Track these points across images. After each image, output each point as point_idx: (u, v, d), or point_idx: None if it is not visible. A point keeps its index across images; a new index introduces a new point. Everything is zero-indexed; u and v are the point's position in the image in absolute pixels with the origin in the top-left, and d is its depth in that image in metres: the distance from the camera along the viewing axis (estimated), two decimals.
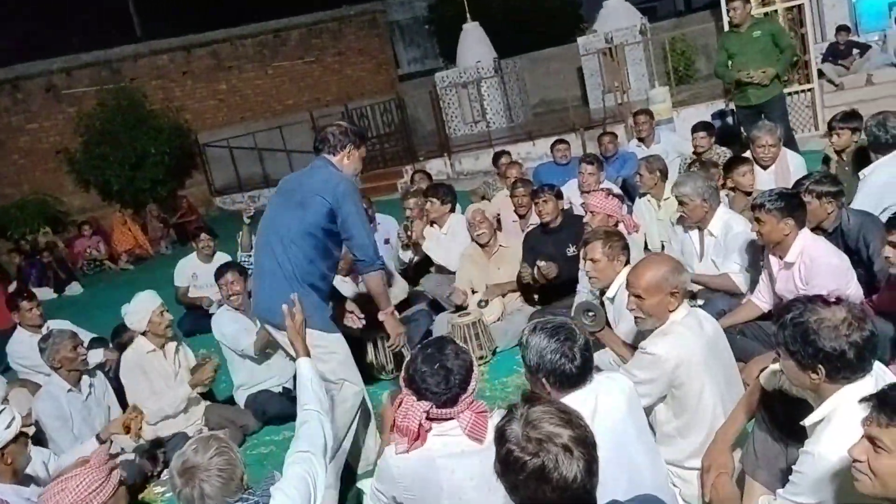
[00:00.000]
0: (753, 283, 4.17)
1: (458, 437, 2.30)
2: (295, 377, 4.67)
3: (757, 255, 4.21)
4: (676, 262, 2.93)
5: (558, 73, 17.66)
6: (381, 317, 3.62)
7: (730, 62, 7.20)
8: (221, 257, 7.24)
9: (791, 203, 3.47)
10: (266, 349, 4.61)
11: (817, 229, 3.81)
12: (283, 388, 4.80)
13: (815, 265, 3.40)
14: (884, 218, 3.74)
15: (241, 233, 6.82)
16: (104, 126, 13.53)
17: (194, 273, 7.10)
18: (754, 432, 2.59)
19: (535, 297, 5.17)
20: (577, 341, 2.44)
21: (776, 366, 2.60)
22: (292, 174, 3.75)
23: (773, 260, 3.66)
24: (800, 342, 1.95)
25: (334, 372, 3.35)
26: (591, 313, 3.33)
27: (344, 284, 5.16)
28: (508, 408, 1.74)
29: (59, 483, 2.24)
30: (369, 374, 4.91)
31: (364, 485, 2.63)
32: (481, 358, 4.76)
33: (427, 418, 2.31)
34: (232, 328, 4.60)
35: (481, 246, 5.25)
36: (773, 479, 2.50)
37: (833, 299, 2.04)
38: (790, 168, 5.42)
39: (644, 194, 5.61)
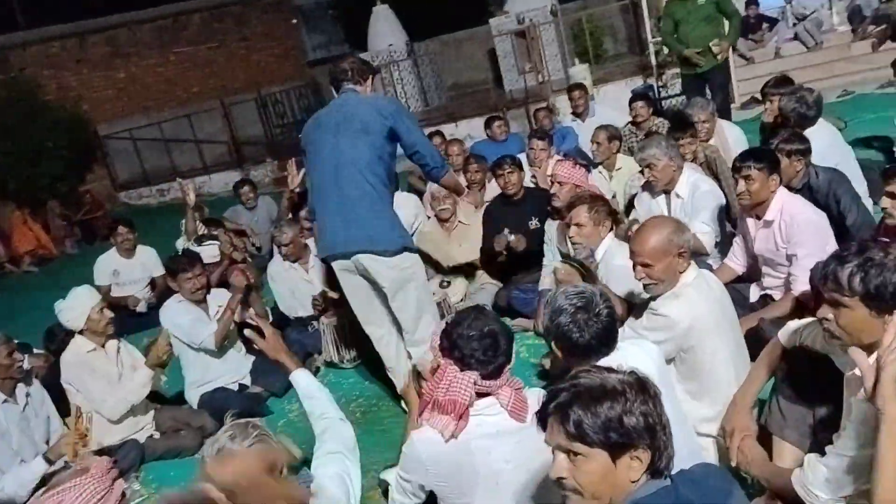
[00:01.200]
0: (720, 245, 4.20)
1: (494, 417, 2.13)
2: (252, 373, 4.51)
3: (722, 216, 4.23)
4: (677, 221, 2.85)
5: (470, 56, 17.66)
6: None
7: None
8: (144, 251, 6.77)
9: (773, 160, 3.47)
10: (225, 340, 4.30)
11: (786, 187, 3.83)
12: (240, 384, 4.50)
13: (796, 222, 3.41)
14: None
15: (184, 220, 6.36)
16: None
17: (115, 270, 6.58)
18: (778, 392, 2.54)
19: (496, 272, 5.03)
20: (594, 310, 2.31)
21: (797, 323, 2.57)
22: (330, 108, 3.55)
23: (749, 221, 3.65)
24: (883, 282, 1.87)
25: (418, 289, 3.50)
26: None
27: (292, 271, 4.90)
28: None
29: (54, 495, 1.94)
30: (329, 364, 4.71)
31: (388, 475, 2.41)
32: None
33: None
34: (187, 319, 4.25)
35: (441, 222, 5.08)
36: (802, 437, 2.47)
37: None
38: (728, 140, 5.49)
39: (596, 165, 5.57)
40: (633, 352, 2.37)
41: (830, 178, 3.81)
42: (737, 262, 3.85)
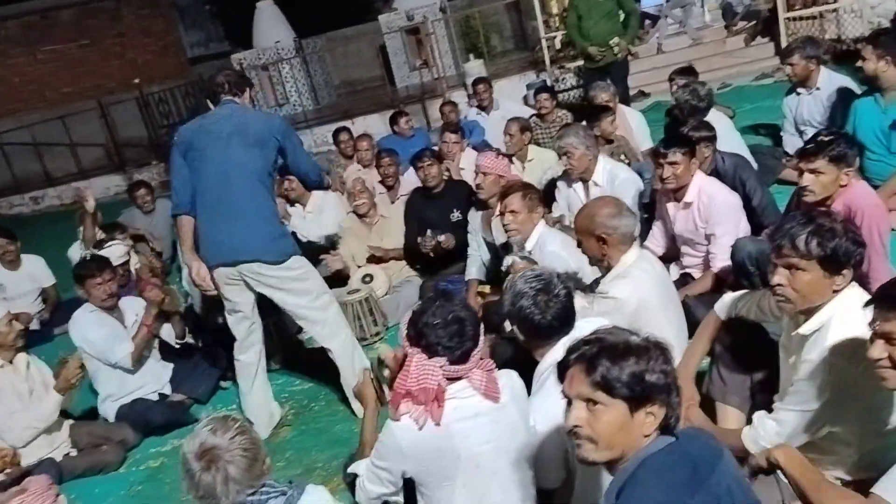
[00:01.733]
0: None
1: (469, 399, 2.14)
2: (172, 381, 4.31)
3: (639, 202, 4.42)
4: (619, 205, 2.96)
5: (359, 53, 17.52)
6: None
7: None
8: (30, 261, 6.33)
9: (692, 145, 3.67)
10: (142, 356, 4.10)
11: None
12: (160, 394, 4.29)
13: (714, 203, 3.62)
14: None
15: (82, 227, 5.96)
16: None
17: (1, 284, 6.11)
18: (718, 361, 2.70)
19: (418, 266, 5.05)
20: (553, 292, 2.39)
21: (731, 296, 2.74)
22: (216, 118, 3.50)
23: (669, 205, 3.84)
24: (837, 245, 2.02)
25: (316, 287, 3.59)
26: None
27: None
28: None
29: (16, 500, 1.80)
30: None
31: (358, 468, 2.37)
32: (377, 334, 4.58)
33: None
34: (100, 334, 3.99)
35: (360, 217, 5.03)
36: (743, 401, 2.64)
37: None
38: (630, 123, 5.77)
39: (508, 156, 5.67)
40: (593, 325, 2.45)
41: (736, 162, 4.07)
42: (657, 244, 4.03)
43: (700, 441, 1.60)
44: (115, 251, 5.06)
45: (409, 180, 5.61)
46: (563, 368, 1.65)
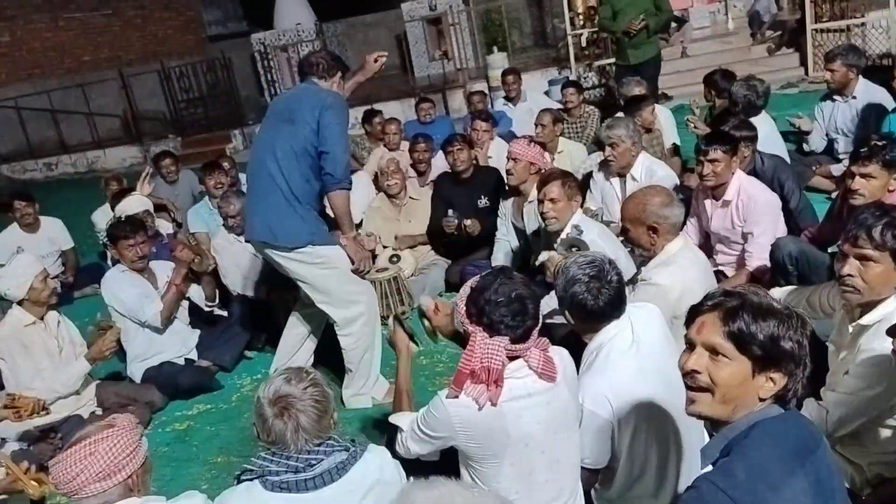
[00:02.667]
0: None
1: (524, 379, 2.13)
2: (199, 346, 4.34)
3: None
4: (669, 195, 2.97)
5: (378, 40, 17.49)
6: (342, 241, 3.45)
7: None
8: (49, 223, 6.36)
9: (734, 144, 3.69)
10: (172, 316, 4.12)
11: None
12: (186, 359, 4.31)
13: (753, 202, 3.64)
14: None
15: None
16: None
17: (19, 247, 6.09)
18: None
19: (443, 249, 5.06)
20: (606, 277, 2.41)
21: (779, 290, 2.77)
22: (283, 94, 3.58)
23: (707, 202, 3.86)
24: None
25: (339, 281, 3.43)
26: (574, 249, 3.31)
27: (238, 244, 4.73)
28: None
29: (84, 446, 1.83)
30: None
31: (400, 420, 2.38)
32: (403, 314, 4.59)
33: None
34: (131, 294, 4.02)
35: (390, 197, 5.05)
36: None
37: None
38: (661, 121, 5.80)
39: None
40: (640, 314, 2.47)
41: (775, 164, 4.09)
42: (691, 240, 4.05)
43: (805, 421, 1.60)
44: (134, 201, 5.08)
45: (437, 164, 5.64)
46: (694, 313, 1.63)
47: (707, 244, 4.01)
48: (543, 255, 3.80)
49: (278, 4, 15.33)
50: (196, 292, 4.36)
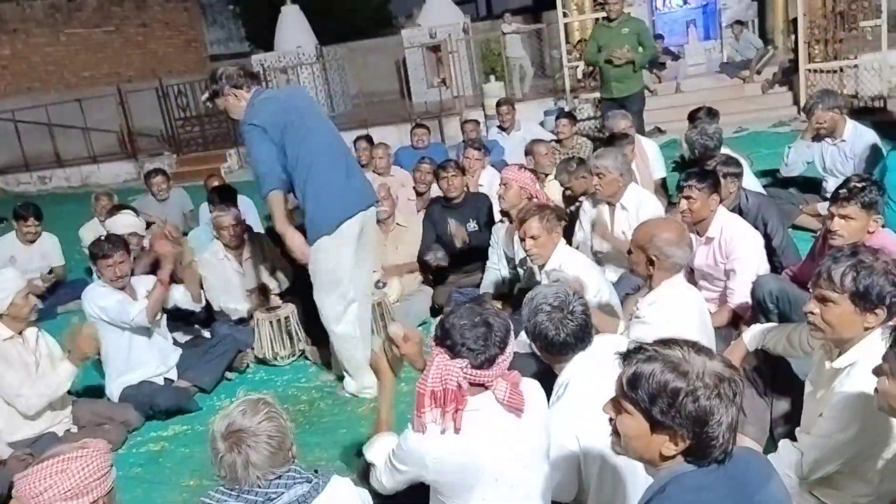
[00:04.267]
0: None
1: (492, 413, 2.11)
2: (179, 366, 4.31)
3: None
4: (681, 234, 2.95)
5: (377, 65, 17.64)
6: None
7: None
8: (46, 239, 6.37)
9: (714, 181, 3.71)
10: (157, 316, 4.10)
11: None
12: (165, 378, 4.28)
13: (735, 240, 3.65)
14: None
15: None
16: None
17: (12, 256, 6.14)
18: None
19: (431, 276, 5.06)
20: (568, 309, 2.41)
21: (760, 327, 2.77)
22: (279, 97, 3.77)
23: (691, 237, 3.87)
24: (872, 284, 2.05)
25: None
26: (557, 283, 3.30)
27: (226, 261, 4.72)
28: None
29: (57, 462, 1.80)
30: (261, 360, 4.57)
31: (373, 455, 2.36)
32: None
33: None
34: (113, 299, 4.01)
35: (378, 222, 5.05)
36: (762, 432, 2.65)
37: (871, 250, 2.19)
38: (646, 151, 5.85)
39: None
40: (610, 341, 2.48)
41: (760, 201, 4.12)
42: None
43: (750, 463, 1.59)
44: (125, 220, 5.07)
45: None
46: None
47: (690, 279, 4.01)
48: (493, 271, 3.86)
49: (280, 26, 15.46)
50: (180, 295, 4.31)
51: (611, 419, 1.60)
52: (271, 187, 3.56)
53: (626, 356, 1.56)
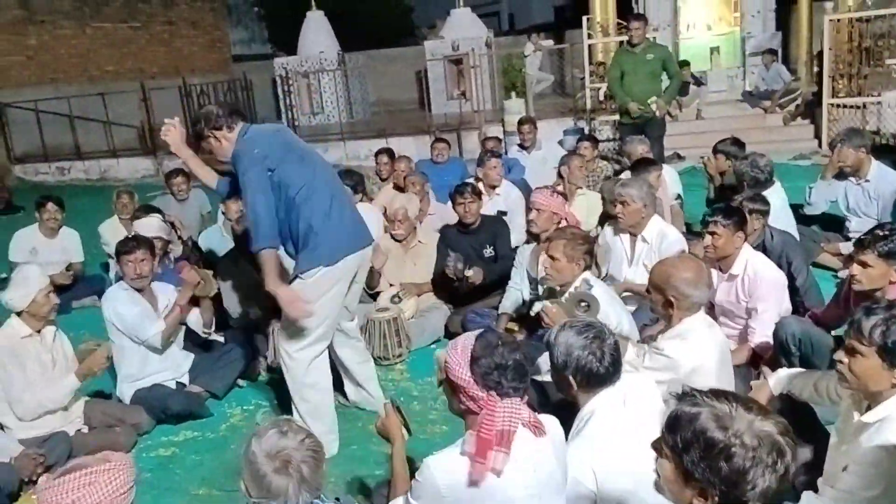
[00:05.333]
0: None
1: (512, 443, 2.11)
2: (192, 371, 4.31)
3: None
4: (699, 273, 2.92)
5: (397, 74, 17.73)
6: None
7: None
8: (67, 234, 6.40)
9: (740, 217, 3.69)
10: (171, 338, 4.10)
11: None
12: (178, 382, 4.28)
13: (759, 278, 3.63)
14: None
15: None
16: None
17: (34, 248, 6.18)
18: None
19: (447, 296, 5.04)
20: (606, 340, 2.41)
21: (787, 372, 2.75)
22: (272, 132, 3.50)
23: (712, 273, 3.84)
24: None
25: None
26: (584, 304, 3.29)
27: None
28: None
29: (84, 475, 1.79)
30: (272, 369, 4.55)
31: None
32: (399, 356, 4.57)
33: None
34: (133, 311, 4.01)
35: (397, 241, 5.06)
36: None
37: None
38: (667, 181, 5.81)
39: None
40: (634, 383, 2.46)
41: (784, 240, 4.09)
42: None
43: None
44: (152, 223, 5.10)
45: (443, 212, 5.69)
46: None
47: (710, 313, 3.99)
48: (537, 305, 3.80)
49: (304, 31, 15.56)
50: (194, 316, 4.33)
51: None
52: (267, 245, 3.28)
53: (678, 398, 1.54)
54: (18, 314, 3.74)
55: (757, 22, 12.77)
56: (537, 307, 3.49)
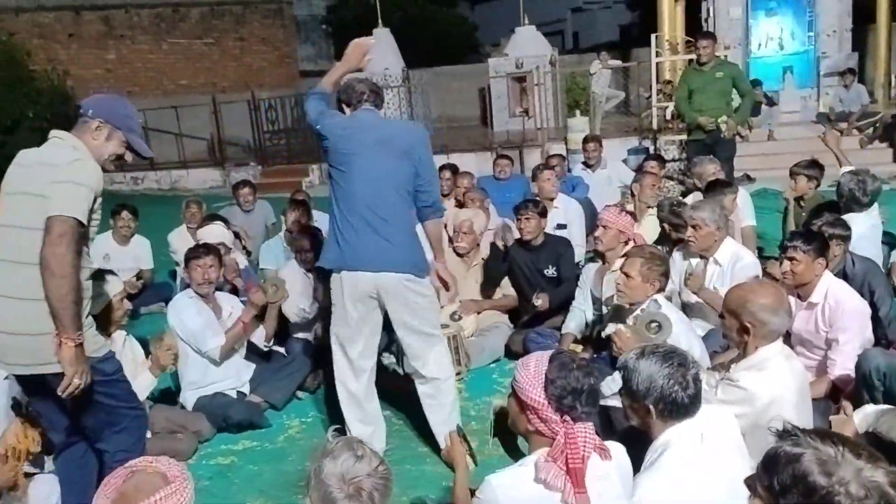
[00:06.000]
0: None
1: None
2: (252, 381, 4.33)
3: None
4: (779, 300, 2.79)
5: (460, 91, 17.80)
6: (439, 266, 3.64)
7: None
8: (139, 242, 6.58)
9: (821, 243, 3.52)
10: (232, 352, 4.15)
11: None
12: (238, 392, 4.31)
13: (841, 307, 3.45)
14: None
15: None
16: None
17: (107, 254, 6.34)
18: None
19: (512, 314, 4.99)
20: (690, 369, 2.29)
21: (874, 408, 2.59)
22: (361, 124, 3.42)
23: (790, 300, 3.68)
24: None
25: (431, 318, 3.54)
26: (654, 324, 3.18)
27: (307, 278, 4.74)
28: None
29: (156, 501, 1.76)
30: None
31: None
32: (458, 374, 4.51)
33: None
34: (197, 323, 4.07)
35: (458, 255, 5.02)
36: None
37: None
38: (738, 202, 5.61)
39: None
40: (712, 416, 2.34)
41: (867, 268, 3.89)
42: None
43: None
44: (215, 230, 5.19)
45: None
46: None
47: (787, 343, 3.81)
48: (611, 328, 3.68)
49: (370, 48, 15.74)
50: (258, 334, 4.37)
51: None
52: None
53: (779, 435, 1.44)
54: None
55: (833, 41, 12.40)
56: (610, 329, 3.39)
